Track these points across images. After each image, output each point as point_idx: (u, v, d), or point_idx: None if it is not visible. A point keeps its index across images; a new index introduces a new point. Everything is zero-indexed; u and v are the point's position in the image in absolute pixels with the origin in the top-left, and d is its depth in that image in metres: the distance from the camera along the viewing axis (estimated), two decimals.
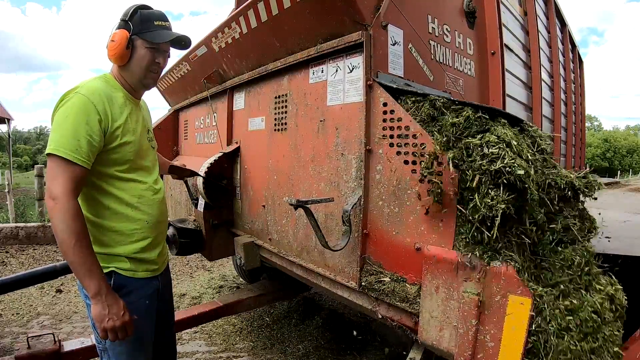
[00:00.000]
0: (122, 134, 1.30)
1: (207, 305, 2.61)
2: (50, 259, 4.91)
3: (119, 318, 1.21)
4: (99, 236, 1.30)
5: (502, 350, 1.04)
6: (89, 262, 1.17)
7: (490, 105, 1.43)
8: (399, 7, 1.45)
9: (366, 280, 1.43)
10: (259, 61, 1.97)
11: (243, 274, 3.85)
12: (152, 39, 1.33)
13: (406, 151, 1.28)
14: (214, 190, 2.28)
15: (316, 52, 1.57)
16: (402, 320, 1.37)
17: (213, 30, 2.13)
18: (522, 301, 1.00)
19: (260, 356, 2.75)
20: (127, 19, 1.32)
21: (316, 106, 1.66)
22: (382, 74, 1.41)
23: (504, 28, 2.22)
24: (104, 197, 1.31)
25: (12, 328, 3.07)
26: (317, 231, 1.42)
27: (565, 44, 4.10)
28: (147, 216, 1.38)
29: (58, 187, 1.15)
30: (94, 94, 1.25)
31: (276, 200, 1.96)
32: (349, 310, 3.43)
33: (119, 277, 1.33)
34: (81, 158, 1.18)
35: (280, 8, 1.59)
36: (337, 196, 1.54)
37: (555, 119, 3.51)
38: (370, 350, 2.84)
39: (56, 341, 1.96)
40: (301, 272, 1.84)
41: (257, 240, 2.15)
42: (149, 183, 1.42)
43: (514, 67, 2.47)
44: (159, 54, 1.38)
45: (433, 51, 1.68)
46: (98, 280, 1.18)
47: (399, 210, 1.32)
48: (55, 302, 3.62)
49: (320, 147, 1.64)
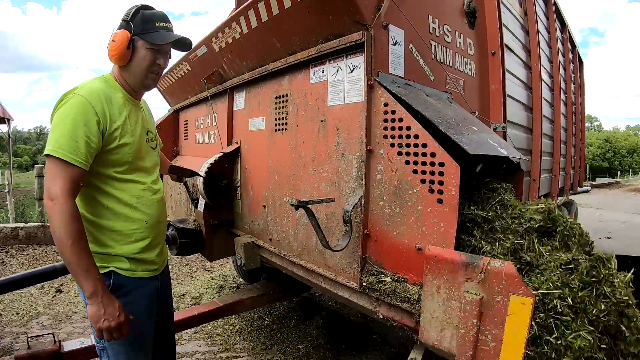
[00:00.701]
0: (121, 135, 1.30)
1: (207, 306, 2.60)
2: (50, 259, 4.91)
3: (114, 318, 1.21)
4: (99, 236, 1.30)
5: (504, 351, 1.04)
6: (85, 262, 1.17)
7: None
8: (399, 7, 1.45)
9: (367, 281, 1.43)
10: (260, 61, 1.97)
11: (243, 274, 3.85)
12: (154, 40, 1.33)
13: (407, 151, 1.28)
14: (214, 191, 2.28)
15: (317, 52, 1.57)
16: (403, 320, 1.37)
17: (213, 30, 2.13)
18: (523, 301, 1.00)
19: (260, 356, 2.75)
20: (128, 19, 1.32)
21: (317, 106, 1.65)
22: (382, 74, 1.40)
23: (504, 28, 2.22)
24: (103, 197, 1.31)
25: (12, 328, 3.07)
26: (317, 231, 1.42)
27: (565, 44, 4.11)
28: (146, 216, 1.38)
29: (56, 187, 1.15)
30: (93, 95, 1.25)
31: (277, 200, 1.95)
32: (349, 311, 3.43)
33: (119, 277, 1.33)
34: (79, 159, 1.18)
35: (281, 8, 1.59)
36: (338, 196, 1.54)
37: (556, 119, 3.51)
38: (371, 350, 2.84)
39: (56, 341, 1.96)
40: (302, 272, 1.83)
41: (258, 240, 2.15)
42: (148, 183, 1.42)
43: (514, 67, 2.47)
44: (160, 55, 1.38)
45: (434, 51, 1.68)
46: (94, 281, 1.18)
47: (400, 210, 1.32)
48: (55, 302, 3.62)
49: (321, 147, 1.64)
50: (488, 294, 1.07)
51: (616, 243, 6.42)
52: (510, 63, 2.36)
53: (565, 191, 4.25)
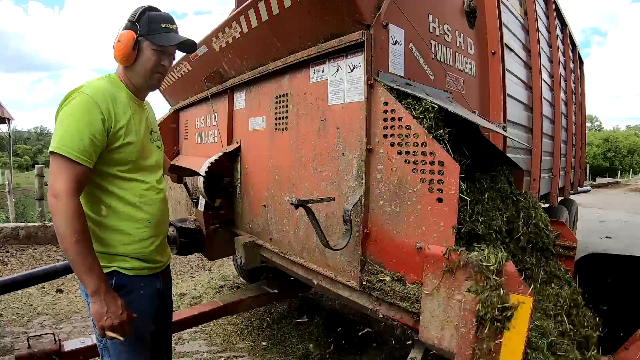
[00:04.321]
0: (125, 134, 1.31)
1: (207, 305, 2.61)
2: (50, 259, 4.91)
3: (117, 317, 1.21)
4: (101, 235, 1.31)
5: (503, 349, 1.04)
6: (89, 260, 1.17)
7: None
8: (399, 6, 1.45)
9: (367, 280, 1.43)
10: (260, 61, 1.97)
11: (243, 274, 3.85)
12: (159, 41, 1.34)
13: (407, 150, 1.28)
14: (215, 190, 2.28)
15: (317, 52, 1.58)
16: (402, 319, 1.37)
17: (214, 30, 2.13)
18: (523, 300, 1.00)
19: (260, 356, 2.75)
20: (134, 20, 1.33)
21: (317, 106, 1.65)
22: (383, 73, 1.41)
23: (505, 28, 2.23)
24: (107, 196, 1.31)
25: (13, 328, 3.07)
26: (318, 231, 1.42)
27: (565, 44, 4.11)
28: (149, 215, 1.38)
29: (60, 185, 1.15)
30: (98, 94, 1.25)
31: (277, 199, 1.96)
32: (349, 310, 3.43)
33: (121, 276, 1.33)
34: (84, 157, 1.18)
35: (281, 7, 1.59)
36: (338, 195, 1.54)
37: (556, 119, 3.51)
38: (371, 350, 2.84)
39: (56, 341, 1.96)
40: (302, 271, 1.84)
41: (258, 239, 2.15)
42: (151, 183, 1.42)
43: (514, 66, 2.47)
44: (165, 56, 1.38)
45: (434, 51, 1.68)
46: (97, 279, 1.18)
47: (400, 209, 1.32)
48: (55, 302, 3.62)
49: (321, 146, 1.64)
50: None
51: (616, 243, 6.42)
52: (511, 62, 2.36)
53: (565, 191, 4.25)
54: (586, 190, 6.54)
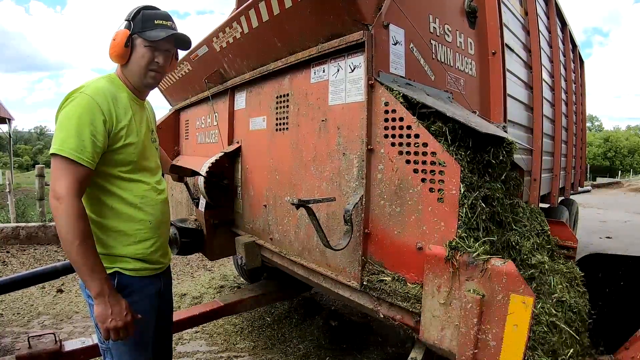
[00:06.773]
0: (127, 135, 1.30)
1: (208, 305, 2.61)
2: (51, 258, 4.91)
3: (122, 318, 1.21)
4: (103, 237, 1.30)
5: (504, 350, 1.04)
6: (92, 262, 1.17)
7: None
8: (400, 6, 1.45)
9: (368, 280, 1.43)
10: (260, 61, 1.97)
11: (244, 274, 3.85)
12: (150, 37, 1.32)
13: (408, 151, 1.28)
14: (215, 190, 2.28)
15: (317, 52, 1.58)
16: (403, 319, 1.37)
17: (214, 30, 2.13)
18: (524, 300, 1.00)
19: (261, 356, 2.75)
20: (130, 18, 1.33)
21: (318, 106, 1.66)
22: (383, 73, 1.41)
23: (505, 28, 2.22)
24: (108, 197, 1.31)
25: (13, 328, 3.07)
26: (318, 231, 1.42)
27: (566, 44, 4.11)
28: (150, 216, 1.38)
29: (62, 187, 1.14)
30: (99, 94, 1.25)
31: (277, 199, 1.96)
32: (350, 310, 3.43)
33: (123, 277, 1.33)
34: (85, 158, 1.18)
35: (282, 8, 1.59)
36: (338, 196, 1.54)
37: (556, 119, 3.51)
38: (371, 350, 2.84)
39: (57, 341, 1.96)
40: (302, 271, 1.84)
41: (258, 240, 2.15)
42: (152, 183, 1.42)
43: (514, 66, 2.47)
44: (159, 52, 1.36)
45: (434, 51, 1.68)
46: (101, 280, 1.18)
47: (401, 209, 1.32)
48: (56, 302, 3.62)
49: (322, 146, 1.64)
50: (489, 293, 1.08)
51: (617, 243, 6.42)
52: (511, 63, 2.36)
53: (565, 191, 4.25)
54: (586, 191, 6.54)
